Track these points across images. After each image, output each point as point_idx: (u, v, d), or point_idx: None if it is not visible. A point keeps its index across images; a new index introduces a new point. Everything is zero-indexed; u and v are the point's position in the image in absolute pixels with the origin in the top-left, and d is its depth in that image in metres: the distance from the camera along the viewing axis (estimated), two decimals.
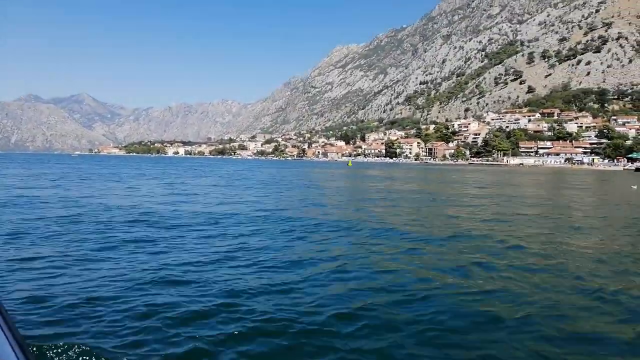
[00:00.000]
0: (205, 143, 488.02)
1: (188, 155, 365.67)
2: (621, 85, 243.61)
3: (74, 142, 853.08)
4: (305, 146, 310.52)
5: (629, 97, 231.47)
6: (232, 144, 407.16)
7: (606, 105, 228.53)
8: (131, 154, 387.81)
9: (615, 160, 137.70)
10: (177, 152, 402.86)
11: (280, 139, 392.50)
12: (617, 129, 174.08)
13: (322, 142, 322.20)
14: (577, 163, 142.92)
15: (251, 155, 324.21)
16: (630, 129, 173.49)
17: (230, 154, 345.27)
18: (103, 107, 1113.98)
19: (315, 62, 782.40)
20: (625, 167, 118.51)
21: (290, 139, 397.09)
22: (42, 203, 20.99)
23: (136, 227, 14.55)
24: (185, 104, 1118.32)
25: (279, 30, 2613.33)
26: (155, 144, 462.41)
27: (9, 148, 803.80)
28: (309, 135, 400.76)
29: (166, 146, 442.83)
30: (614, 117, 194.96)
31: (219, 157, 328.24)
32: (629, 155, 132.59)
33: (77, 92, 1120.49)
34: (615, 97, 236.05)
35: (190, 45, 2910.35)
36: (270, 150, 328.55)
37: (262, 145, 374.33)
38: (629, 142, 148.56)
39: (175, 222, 15.69)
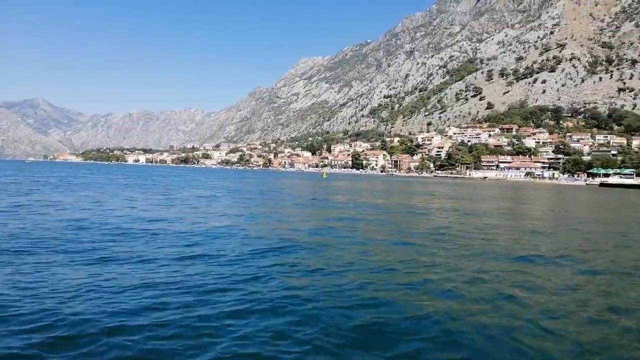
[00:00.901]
0: (168, 151, 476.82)
1: (149, 164, 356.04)
2: (574, 103, 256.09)
3: (27, 148, 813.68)
4: (271, 156, 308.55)
5: (582, 114, 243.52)
6: (195, 153, 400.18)
7: (561, 122, 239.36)
8: (89, 161, 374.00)
9: (574, 175, 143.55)
10: (138, 160, 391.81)
11: (245, 149, 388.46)
12: (572, 145, 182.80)
13: (288, 152, 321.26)
14: (539, 177, 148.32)
15: (215, 165, 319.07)
16: (585, 145, 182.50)
17: (194, 163, 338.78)
18: (59, 112, 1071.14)
19: (281, 73, 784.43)
20: (588, 182, 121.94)
21: (255, 148, 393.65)
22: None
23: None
24: (146, 111, 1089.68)
25: (245, 40, 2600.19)
26: (115, 152, 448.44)
27: None
28: (274, 145, 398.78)
29: (126, 154, 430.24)
30: (569, 134, 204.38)
31: (182, 165, 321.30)
32: (589, 171, 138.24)
33: (31, 97, 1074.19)
34: (570, 114, 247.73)
35: (152, 51, 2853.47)
36: (236, 159, 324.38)
37: (226, 154, 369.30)
38: (587, 158, 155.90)
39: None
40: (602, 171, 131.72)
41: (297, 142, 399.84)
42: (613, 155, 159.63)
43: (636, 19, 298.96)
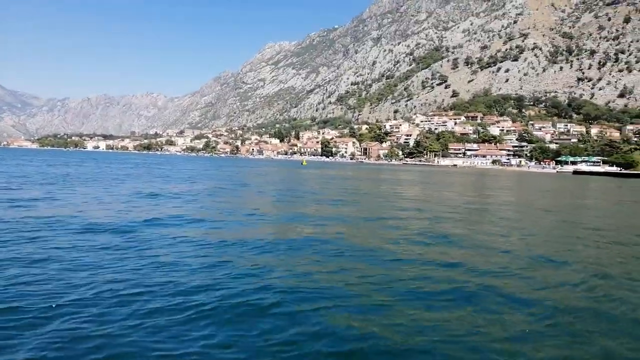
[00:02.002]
0: (129, 137, 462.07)
1: (110, 150, 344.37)
2: (536, 92, 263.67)
3: None
4: (239, 143, 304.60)
5: (543, 103, 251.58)
6: (158, 139, 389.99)
7: (523, 110, 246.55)
8: (45, 147, 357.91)
9: (541, 163, 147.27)
10: (98, 147, 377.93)
11: (210, 135, 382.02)
12: (534, 133, 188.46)
13: (255, 139, 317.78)
14: (506, 165, 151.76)
15: (180, 152, 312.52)
16: (546, 133, 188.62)
17: (157, 150, 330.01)
18: (12, 96, 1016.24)
19: (246, 58, 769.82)
20: (558, 170, 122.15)
21: (221, 135, 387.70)
22: None
23: None
24: (106, 96, 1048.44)
25: (209, 23, 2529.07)
26: (73, 137, 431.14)
27: None
28: (240, 132, 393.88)
29: (85, 140, 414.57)
30: (531, 122, 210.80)
31: (144, 152, 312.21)
32: (558, 159, 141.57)
33: None
34: (531, 103, 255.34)
35: (112, 33, 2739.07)
36: (201, 146, 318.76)
37: (191, 141, 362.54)
38: (553, 146, 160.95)
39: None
40: (571, 159, 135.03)
41: (264, 129, 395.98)
42: (573, 142, 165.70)
43: (595, 10, 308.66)
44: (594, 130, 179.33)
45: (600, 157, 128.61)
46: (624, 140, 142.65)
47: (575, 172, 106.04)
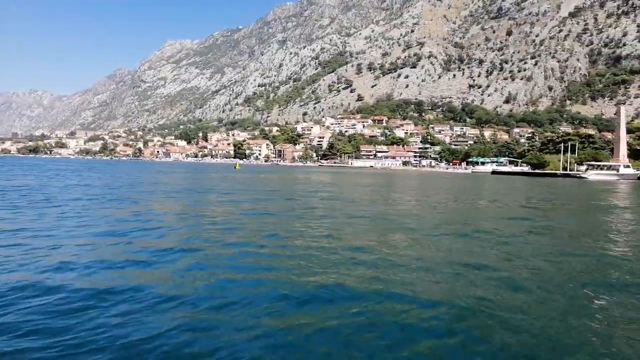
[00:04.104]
0: (11, 139, 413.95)
1: None
2: (433, 97, 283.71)
3: None
4: (140, 145, 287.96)
5: (440, 108, 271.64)
6: (46, 141, 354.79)
7: (423, 114, 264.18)
8: None
9: (450, 163, 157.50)
10: None
11: (107, 137, 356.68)
12: (435, 135, 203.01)
13: (159, 140, 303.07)
14: (418, 165, 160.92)
15: (73, 155, 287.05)
16: (446, 136, 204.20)
17: (46, 153, 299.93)
18: None
19: (145, 55, 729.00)
20: (473, 171, 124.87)
21: (119, 136, 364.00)
22: None
23: None
24: None
25: (103, 17, 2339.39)
26: None
27: None
28: (141, 134, 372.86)
29: None
30: (432, 125, 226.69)
31: (31, 156, 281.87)
32: (469, 160, 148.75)
33: None
34: (430, 107, 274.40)
35: None
36: (97, 148, 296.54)
37: (85, 142, 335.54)
38: (457, 148, 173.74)
39: None
40: (481, 159, 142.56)
41: (167, 130, 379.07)
42: (470, 144, 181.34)
43: (482, 22, 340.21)
44: (487, 133, 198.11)
45: (506, 158, 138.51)
46: (515, 142, 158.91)
47: (494, 172, 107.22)
